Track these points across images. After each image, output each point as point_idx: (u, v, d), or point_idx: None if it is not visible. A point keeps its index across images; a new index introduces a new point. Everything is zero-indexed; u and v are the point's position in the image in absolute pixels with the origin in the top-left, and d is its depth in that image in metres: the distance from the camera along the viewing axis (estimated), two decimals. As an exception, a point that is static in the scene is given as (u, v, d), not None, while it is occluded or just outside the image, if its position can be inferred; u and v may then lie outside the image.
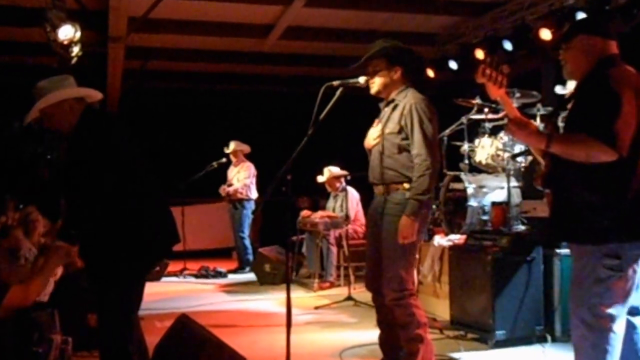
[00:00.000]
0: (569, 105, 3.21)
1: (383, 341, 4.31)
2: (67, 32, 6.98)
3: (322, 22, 9.22)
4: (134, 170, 3.60)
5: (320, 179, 8.77)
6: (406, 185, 4.02)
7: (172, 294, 8.11)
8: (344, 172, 8.54)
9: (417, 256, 4.37)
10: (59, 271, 4.98)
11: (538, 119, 5.95)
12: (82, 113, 3.61)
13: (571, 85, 5.87)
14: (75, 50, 7.31)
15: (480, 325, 5.19)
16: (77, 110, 3.60)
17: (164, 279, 9.24)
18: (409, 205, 3.94)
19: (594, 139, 2.86)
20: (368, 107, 4.58)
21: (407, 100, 4.09)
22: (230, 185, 9.87)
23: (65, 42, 7.08)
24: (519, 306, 5.10)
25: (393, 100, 4.17)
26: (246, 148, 10.02)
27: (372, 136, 4.23)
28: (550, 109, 6.01)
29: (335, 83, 3.99)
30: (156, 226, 3.62)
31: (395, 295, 4.02)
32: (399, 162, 4.05)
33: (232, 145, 9.94)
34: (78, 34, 7.04)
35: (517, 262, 5.18)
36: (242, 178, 9.81)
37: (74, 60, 7.41)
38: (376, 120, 4.29)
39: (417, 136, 3.99)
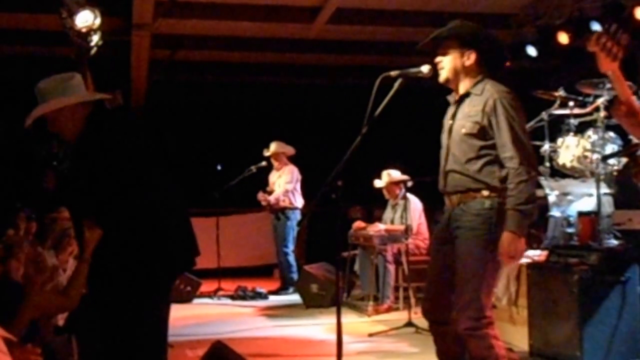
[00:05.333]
0: None
1: None
2: (85, 19, 7.11)
3: (377, 3, 9.22)
4: (147, 177, 3.69)
5: (378, 183, 8.74)
6: (485, 193, 3.92)
7: (205, 317, 8.18)
8: (405, 177, 8.49)
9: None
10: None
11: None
12: (88, 117, 3.71)
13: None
14: (95, 39, 7.43)
15: (565, 356, 5.12)
16: (80, 115, 3.71)
17: (196, 300, 9.34)
18: (510, 218, 3.82)
19: None
20: (434, 100, 4.54)
21: (487, 94, 3.96)
22: (271, 192, 9.88)
23: (84, 30, 7.20)
24: (611, 335, 5.01)
25: (468, 94, 4.06)
26: (290, 150, 9.97)
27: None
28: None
29: (394, 73, 3.95)
30: (172, 240, 3.69)
31: (472, 324, 3.91)
32: (477, 167, 3.95)
33: (273, 147, 9.89)
34: (98, 21, 7.16)
35: (609, 282, 5.10)
36: (283, 183, 9.78)
37: (93, 51, 7.53)
38: (446, 118, 4.21)
39: (507, 136, 3.87)
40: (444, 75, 4.11)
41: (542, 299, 5.39)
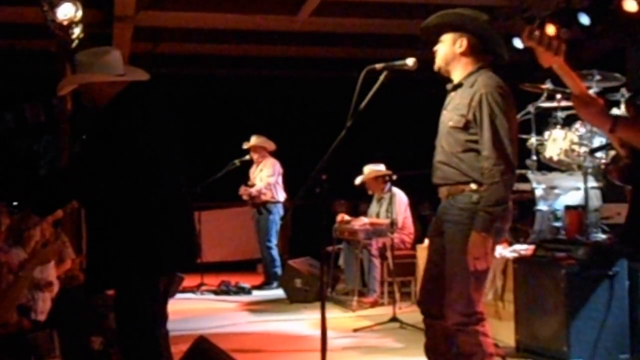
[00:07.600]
0: None
1: None
2: (66, 11, 7.08)
3: (362, -5, 9.20)
4: (156, 169, 3.72)
5: (359, 180, 8.69)
6: (473, 186, 3.87)
7: (188, 313, 8.16)
8: (387, 171, 8.47)
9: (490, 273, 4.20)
10: (55, 287, 5.04)
11: (622, 105, 5.85)
12: (116, 96, 3.72)
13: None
14: (76, 31, 7.41)
15: (552, 352, 5.13)
16: (107, 93, 3.73)
17: (178, 295, 9.29)
18: (479, 219, 3.79)
19: None
20: (420, 94, 4.54)
21: (477, 87, 3.92)
22: (252, 185, 9.86)
23: (65, 23, 7.18)
24: (599, 329, 5.03)
25: (461, 85, 4.02)
26: (270, 145, 9.93)
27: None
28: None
29: (379, 66, 3.93)
30: (171, 235, 3.68)
31: (461, 319, 3.90)
32: (464, 162, 3.92)
33: (253, 140, 9.87)
34: (79, 13, 7.13)
35: (596, 277, 5.11)
36: (265, 177, 9.77)
37: (74, 44, 7.51)
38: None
39: (487, 135, 3.82)
40: (436, 63, 4.10)
41: (529, 294, 5.40)
